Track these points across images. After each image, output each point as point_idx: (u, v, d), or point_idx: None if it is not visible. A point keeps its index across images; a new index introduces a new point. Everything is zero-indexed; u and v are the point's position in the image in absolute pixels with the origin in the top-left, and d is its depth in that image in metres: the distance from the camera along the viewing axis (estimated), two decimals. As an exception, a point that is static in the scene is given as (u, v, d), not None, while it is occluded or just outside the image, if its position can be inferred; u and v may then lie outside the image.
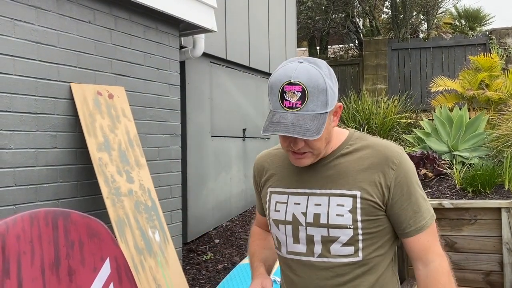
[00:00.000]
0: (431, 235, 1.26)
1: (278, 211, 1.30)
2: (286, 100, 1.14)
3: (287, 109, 1.14)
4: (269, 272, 1.40)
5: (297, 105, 1.13)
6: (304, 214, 1.25)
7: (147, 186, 2.90)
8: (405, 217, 1.24)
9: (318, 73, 1.15)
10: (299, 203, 1.27)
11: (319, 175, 1.27)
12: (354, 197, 1.21)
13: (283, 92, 1.14)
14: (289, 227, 1.28)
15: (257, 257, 1.40)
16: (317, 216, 1.23)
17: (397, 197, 1.22)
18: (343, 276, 1.23)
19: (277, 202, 1.31)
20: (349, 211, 1.21)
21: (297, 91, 1.12)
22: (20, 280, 1.25)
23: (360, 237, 1.22)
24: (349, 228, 1.21)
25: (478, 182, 3.62)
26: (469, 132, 4.43)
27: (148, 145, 3.27)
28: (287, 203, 1.29)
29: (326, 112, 1.16)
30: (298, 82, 1.12)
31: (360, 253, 1.22)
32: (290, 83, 1.13)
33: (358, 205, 1.21)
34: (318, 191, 1.25)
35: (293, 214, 1.27)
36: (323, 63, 1.19)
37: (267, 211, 1.35)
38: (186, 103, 4.32)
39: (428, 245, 1.25)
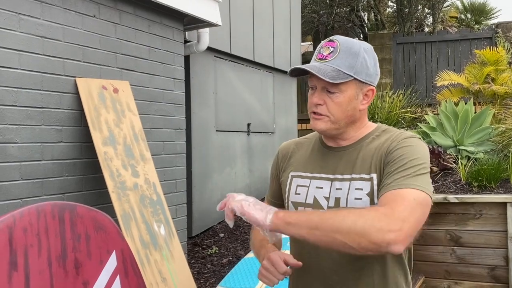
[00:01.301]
0: (399, 196, 1.08)
1: (299, 194, 1.32)
2: (320, 53, 1.25)
3: (317, 60, 1.24)
4: None
5: (326, 58, 1.22)
6: (327, 198, 1.27)
7: (152, 180, 2.91)
8: (386, 177, 1.16)
9: (356, 42, 1.26)
10: (321, 187, 1.29)
11: (343, 160, 1.28)
12: (372, 179, 1.22)
13: (321, 48, 1.26)
14: (308, 210, 1.29)
15: (266, 241, 1.40)
16: (337, 200, 1.25)
17: (387, 164, 1.19)
18: (357, 261, 1.23)
19: (298, 185, 1.34)
20: (367, 194, 1.21)
21: (331, 47, 1.23)
22: (27, 273, 1.27)
23: None
24: None
25: (484, 176, 3.60)
26: (474, 126, 4.40)
27: (153, 139, 3.27)
28: (308, 186, 1.31)
29: (351, 76, 1.21)
30: (334, 40, 1.25)
31: None
32: (329, 41, 1.25)
33: (375, 188, 1.21)
34: (340, 176, 1.27)
35: (315, 197, 1.29)
36: (370, 45, 1.29)
37: (286, 194, 1.37)
38: (190, 98, 4.32)
39: (386, 200, 1.10)
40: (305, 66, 1.22)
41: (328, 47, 1.23)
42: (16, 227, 1.25)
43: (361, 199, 1.22)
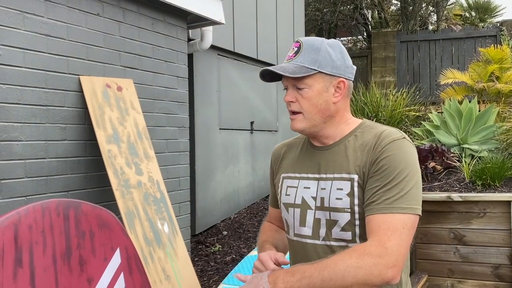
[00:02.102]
0: (390, 225, 1.11)
1: (289, 195, 1.34)
2: (287, 55, 1.30)
3: (285, 62, 1.29)
4: None
5: (291, 57, 1.28)
6: (314, 198, 1.28)
7: (155, 178, 2.92)
8: (372, 192, 1.17)
9: (319, 38, 1.30)
10: (309, 187, 1.30)
11: (327, 160, 1.29)
12: (352, 180, 1.22)
13: (289, 50, 1.32)
14: (297, 210, 1.31)
15: (269, 242, 1.41)
16: (322, 200, 1.26)
17: (371, 175, 1.19)
18: None
19: (288, 186, 1.35)
20: (347, 194, 1.22)
21: (295, 47, 1.29)
22: (33, 270, 1.27)
23: (357, 222, 1.22)
24: (347, 212, 1.22)
25: (488, 175, 3.59)
26: (478, 125, 4.39)
27: (157, 137, 3.28)
28: (297, 187, 1.32)
29: (314, 70, 1.24)
30: (299, 40, 1.29)
31: (357, 240, 1.23)
32: (295, 42, 1.30)
33: (355, 189, 1.21)
34: (324, 175, 1.28)
35: (303, 197, 1.30)
36: (336, 41, 1.33)
37: (279, 196, 1.39)
38: (194, 96, 4.32)
39: (377, 228, 1.11)
40: (269, 67, 1.26)
41: (293, 48, 1.28)
42: (21, 224, 1.26)
43: (341, 199, 1.22)
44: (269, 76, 1.30)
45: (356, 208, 1.21)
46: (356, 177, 1.21)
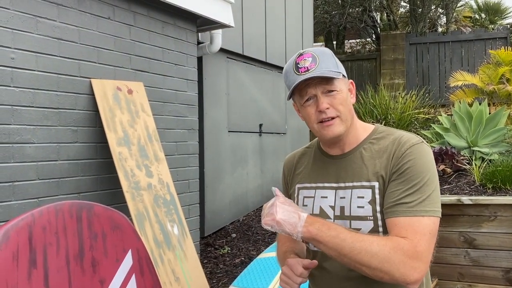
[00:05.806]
0: (417, 229, 1.13)
1: (306, 205, 1.33)
2: (300, 67, 1.23)
3: (304, 73, 1.23)
4: None
5: (312, 66, 1.22)
6: (333, 207, 1.28)
7: (165, 180, 2.94)
8: (394, 195, 1.18)
9: (323, 47, 1.33)
10: (326, 197, 1.30)
11: (344, 168, 1.29)
12: (373, 188, 1.22)
13: (296, 64, 1.24)
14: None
15: (290, 252, 1.39)
16: (342, 209, 1.26)
17: (393, 178, 1.20)
18: None
19: (304, 197, 1.34)
20: (369, 202, 1.22)
21: (308, 57, 1.24)
22: (46, 270, 1.29)
23: (381, 229, 1.21)
24: (369, 219, 1.22)
25: (498, 178, 3.56)
26: (489, 127, 4.35)
27: (167, 140, 3.30)
28: (314, 197, 1.32)
29: (340, 73, 1.24)
30: (306, 52, 1.25)
31: None
32: (300, 55, 1.25)
33: (377, 196, 1.22)
34: (343, 184, 1.28)
35: (320, 207, 1.30)
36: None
37: None
38: (203, 99, 4.34)
39: (404, 231, 1.13)
40: (305, 76, 1.21)
41: (305, 59, 1.24)
42: (35, 226, 1.28)
43: (363, 207, 1.23)
44: (294, 88, 1.26)
45: (379, 215, 1.21)
46: (376, 184, 1.22)
